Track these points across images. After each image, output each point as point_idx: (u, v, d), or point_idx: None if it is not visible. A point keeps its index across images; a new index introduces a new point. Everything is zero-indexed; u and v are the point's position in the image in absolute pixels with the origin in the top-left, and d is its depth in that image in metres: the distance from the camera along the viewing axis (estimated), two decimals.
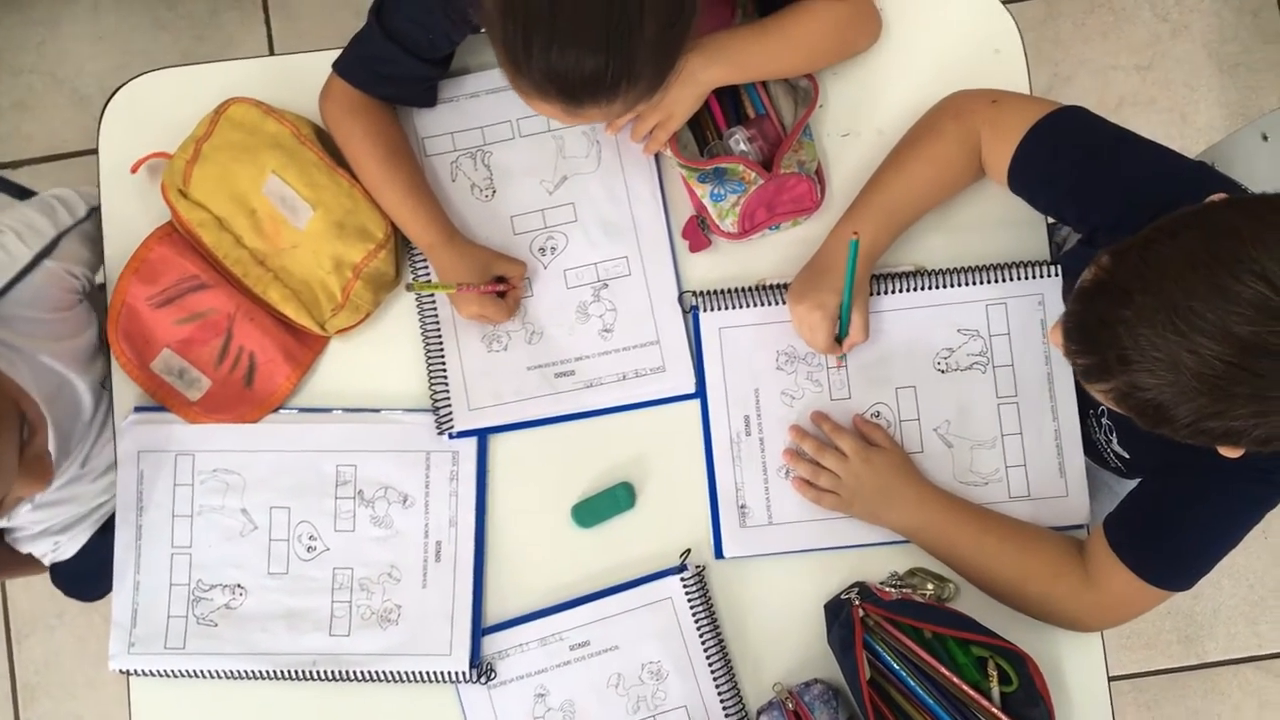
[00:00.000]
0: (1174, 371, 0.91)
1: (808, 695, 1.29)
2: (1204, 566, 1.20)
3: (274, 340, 1.35)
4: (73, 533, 1.51)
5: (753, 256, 1.39)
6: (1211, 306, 0.88)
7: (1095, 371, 0.98)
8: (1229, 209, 0.94)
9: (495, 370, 1.36)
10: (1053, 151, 1.22)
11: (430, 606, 1.33)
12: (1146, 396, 0.94)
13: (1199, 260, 0.90)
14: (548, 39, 1.04)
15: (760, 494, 1.35)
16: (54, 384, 1.30)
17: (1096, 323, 0.96)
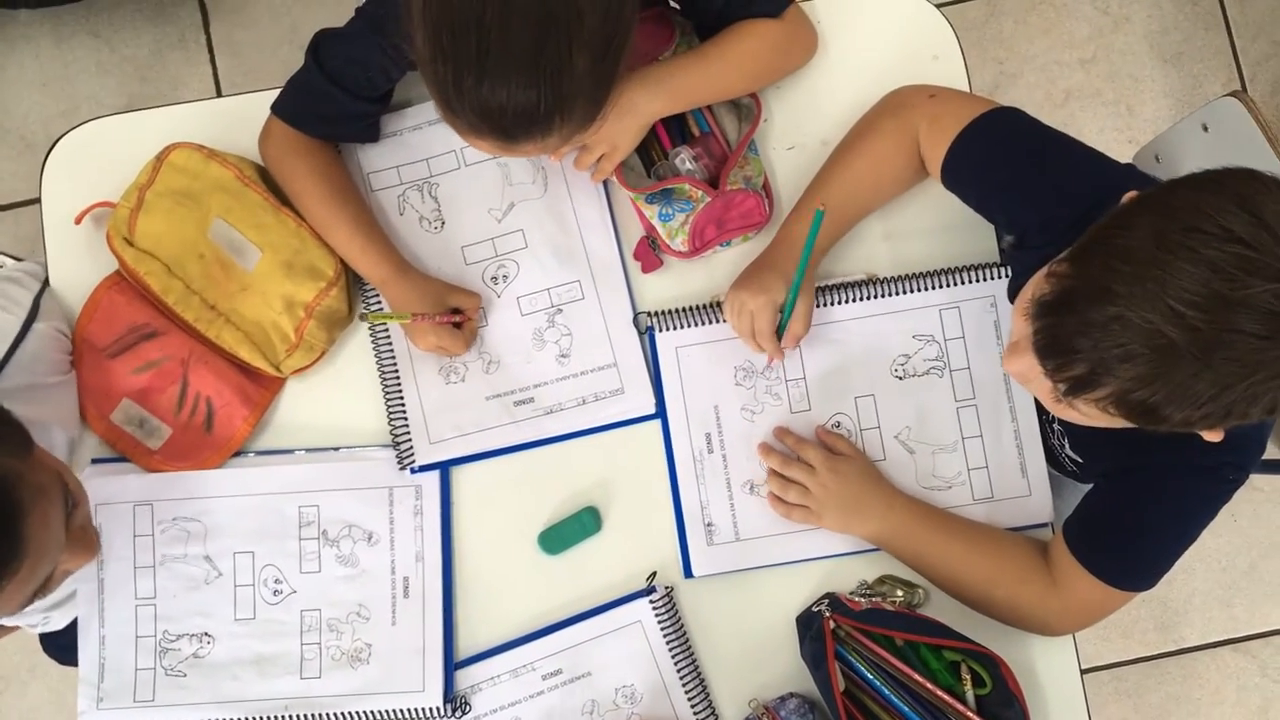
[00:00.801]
0: (1173, 352, 0.90)
1: (784, 710, 1.29)
2: (1164, 566, 1.21)
3: (229, 384, 1.34)
4: (64, 608, 1.49)
5: (705, 274, 1.39)
6: (1197, 279, 0.88)
7: (1087, 381, 0.95)
8: (1178, 187, 0.94)
9: (454, 402, 1.36)
10: (986, 150, 1.23)
11: (401, 643, 1.32)
12: (1140, 395, 0.93)
13: (1169, 239, 0.90)
14: (478, 77, 1.04)
15: (726, 511, 1.35)
16: (66, 453, 1.30)
17: (1078, 330, 0.94)
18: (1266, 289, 0.87)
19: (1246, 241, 0.88)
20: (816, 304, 1.34)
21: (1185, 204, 0.92)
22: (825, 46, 1.41)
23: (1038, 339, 0.99)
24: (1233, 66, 2.43)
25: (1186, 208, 0.91)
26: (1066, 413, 1.03)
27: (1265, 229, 0.88)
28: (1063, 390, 0.98)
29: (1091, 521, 1.23)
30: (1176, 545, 1.19)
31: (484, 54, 1.02)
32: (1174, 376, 0.91)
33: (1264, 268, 0.87)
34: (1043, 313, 0.98)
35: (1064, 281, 0.97)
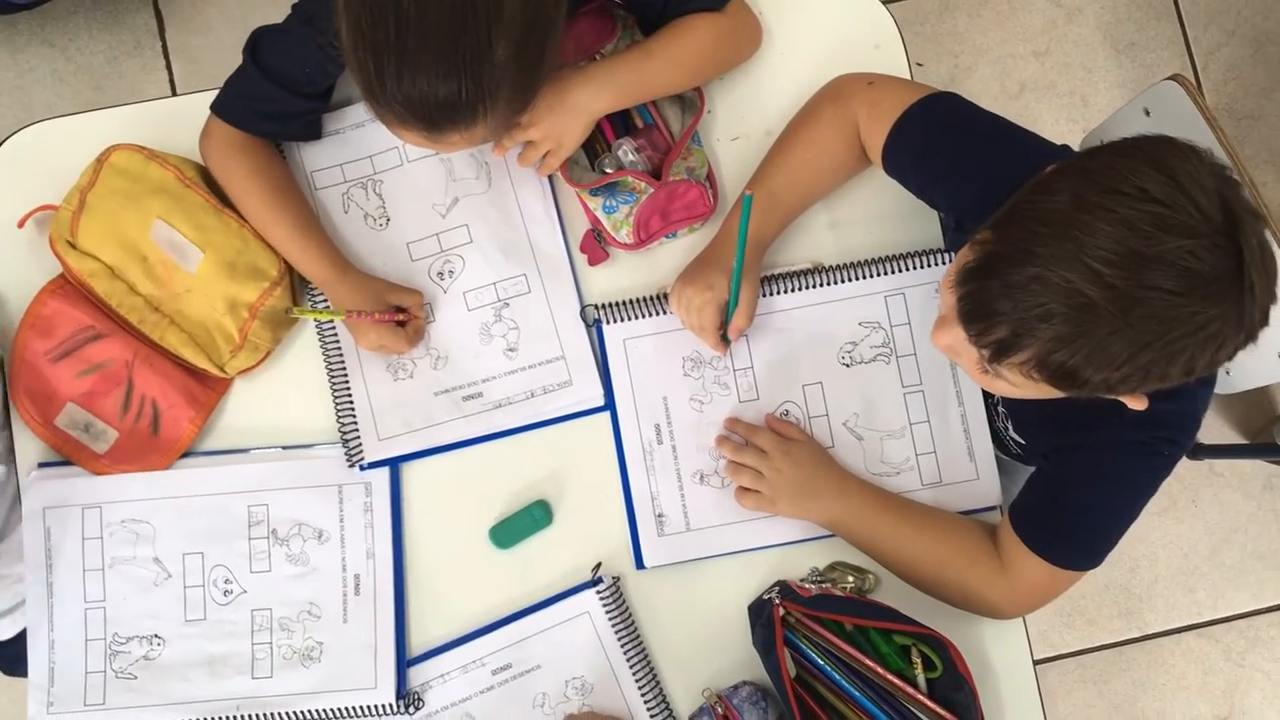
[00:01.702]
0: (1091, 310, 0.91)
1: (736, 698, 1.29)
2: (1107, 543, 1.21)
3: (175, 385, 1.34)
4: (12, 616, 1.48)
5: (652, 266, 1.40)
6: (1113, 237, 0.90)
7: (1009, 344, 0.97)
8: (1098, 153, 0.97)
9: (403, 398, 1.36)
10: (925, 135, 1.24)
11: (352, 641, 1.32)
12: (1059, 358, 0.94)
13: (1087, 200, 0.92)
14: (398, 67, 1.04)
15: (676, 501, 1.35)
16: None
17: (1000, 293, 0.96)
18: (1180, 245, 0.89)
19: (1161, 200, 0.89)
20: (763, 293, 1.35)
21: (1103, 167, 0.94)
22: (769, 38, 1.41)
23: (961, 305, 1.00)
24: (1185, 56, 2.45)
25: (1104, 170, 0.93)
26: (994, 384, 1.05)
27: (1180, 189, 0.90)
28: (987, 357, 1.00)
29: (1034, 503, 1.24)
30: (1118, 522, 1.20)
31: (402, 42, 1.02)
32: (1093, 335, 0.92)
33: (1178, 225, 0.89)
34: (965, 279, 1.00)
35: (986, 247, 0.98)
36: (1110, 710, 2.33)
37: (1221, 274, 0.90)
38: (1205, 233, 0.90)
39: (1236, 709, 2.33)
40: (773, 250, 1.37)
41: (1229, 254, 0.90)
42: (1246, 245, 0.90)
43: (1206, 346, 0.93)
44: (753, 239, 1.27)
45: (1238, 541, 2.36)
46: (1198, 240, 0.89)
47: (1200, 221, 0.90)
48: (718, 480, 1.35)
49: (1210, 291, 0.91)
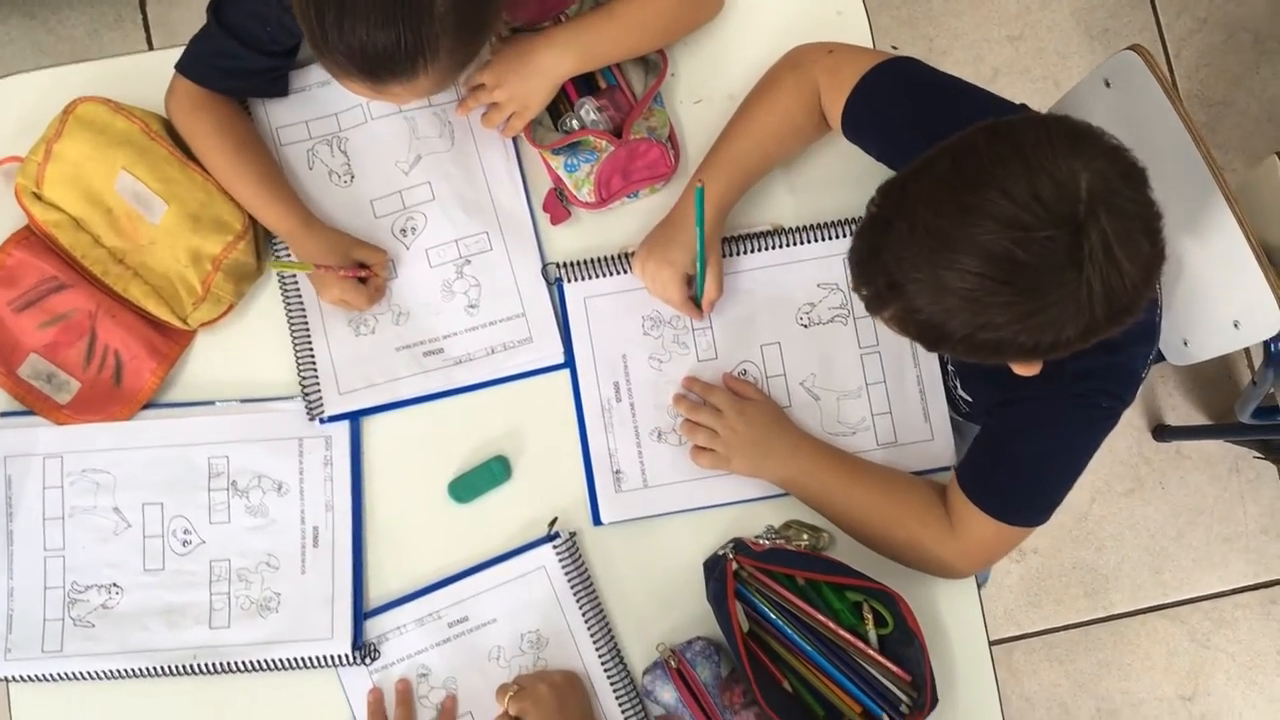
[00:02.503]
0: (937, 290, 0.96)
1: (689, 652, 1.30)
2: (1051, 498, 1.23)
3: (138, 336, 1.35)
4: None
5: (613, 226, 1.41)
6: (958, 224, 0.94)
7: (874, 301, 1.03)
8: (977, 133, 0.98)
9: (364, 353, 1.37)
10: (884, 99, 1.26)
11: (310, 592, 1.33)
12: (921, 318, 0.99)
13: (947, 183, 0.96)
14: (338, 15, 1.06)
15: (634, 458, 1.36)
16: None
17: (869, 254, 1.01)
18: (1010, 236, 0.91)
19: (1009, 193, 0.92)
20: (724, 254, 1.36)
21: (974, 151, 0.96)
22: (732, 2, 1.42)
23: (848, 256, 1.06)
24: (1158, 42, 2.47)
25: (973, 156, 0.96)
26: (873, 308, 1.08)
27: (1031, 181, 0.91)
28: (865, 306, 1.05)
29: (979, 460, 1.26)
30: (1061, 476, 1.21)
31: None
32: (932, 310, 0.97)
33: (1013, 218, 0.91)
34: (855, 234, 1.05)
35: (869, 209, 1.03)
36: (1076, 689, 2.35)
37: (1052, 267, 0.92)
38: (1041, 227, 0.91)
39: (1201, 689, 2.35)
40: (734, 212, 1.38)
41: (1065, 249, 0.92)
42: (1088, 242, 0.91)
43: (1044, 331, 0.96)
44: (714, 205, 1.29)
45: (1204, 524, 2.38)
46: (1031, 233, 0.91)
47: (1040, 217, 0.91)
48: (675, 438, 1.37)
49: (1037, 283, 0.93)
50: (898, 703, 1.27)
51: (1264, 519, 2.37)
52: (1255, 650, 2.36)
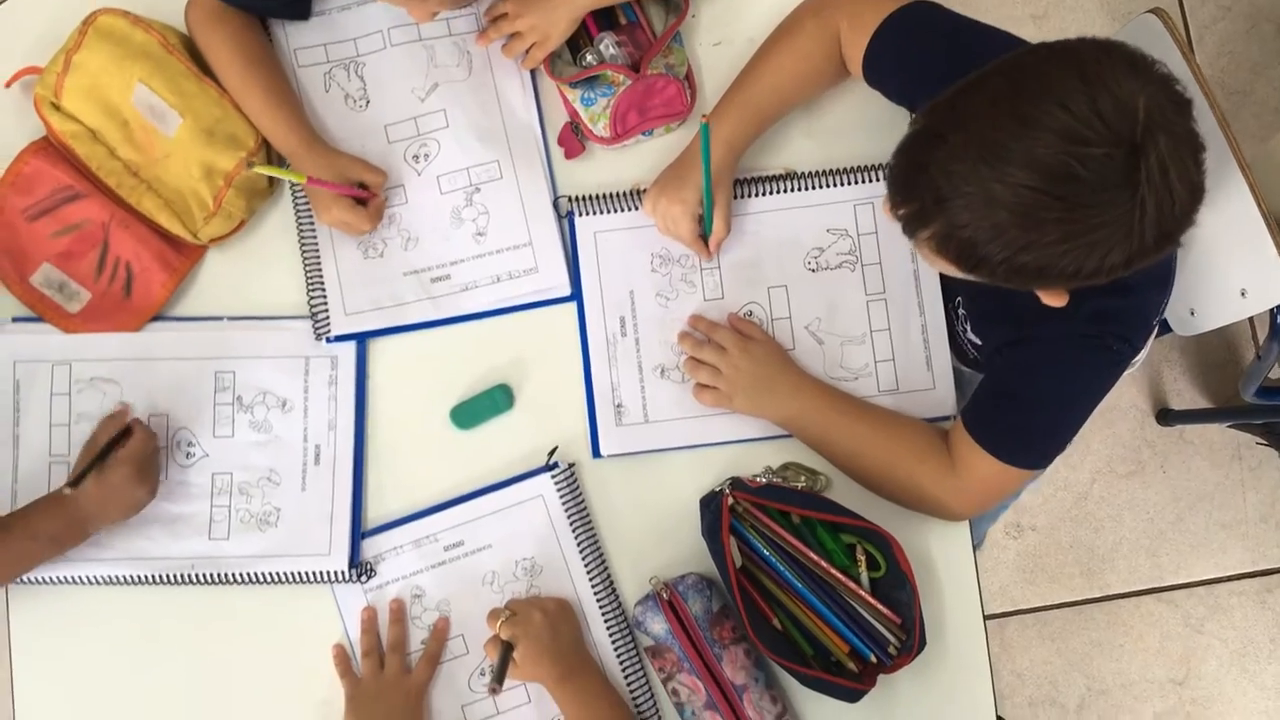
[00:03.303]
0: (986, 205, 0.94)
1: (681, 585, 1.31)
2: (1054, 441, 1.23)
3: (149, 248, 1.36)
4: None
5: (627, 163, 1.41)
6: (1014, 135, 0.92)
7: (916, 219, 1.01)
8: (1034, 50, 0.98)
9: (372, 276, 1.38)
10: (906, 42, 1.26)
11: (309, 508, 1.34)
12: (964, 235, 0.97)
13: (1003, 97, 0.94)
14: None
15: (636, 393, 1.37)
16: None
17: (914, 170, 1.00)
18: (1071, 150, 0.90)
19: (1069, 108, 0.90)
20: (735, 195, 1.37)
21: (1032, 68, 0.95)
22: None
23: (888, 176, 1.05)
24: (1181, 28, 2.46)
25: (1031, 72, 0.95)
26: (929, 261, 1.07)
27: (1092, 97, 0.90)
28: (902, 230, 1.04)
29: (984, 401, 1.26)
30: (1066, 419, 1.21)
31: None
32: (981, 227, 0.96)
33: (1075, 133, 0.90)
34: (896, 152, 1.03)
35: (914, 126, 1.02)
36: (1067, 667, 2.36)
37: (1108, 185, 0.91)
38: (1100, 143, 0.90)
39: (1192, 674, 2.36)
40: (747, 155, 1.38)
41: (1123, 168, 0.91)
42: (1145, 163, 0.91)
43: (1090, 253, 0.95)
44: (727, 146, 1.29)
45: (1203, 509, 2.38)
46: (1089, 149, 0.90)
47: (1100, 133, 0.90)
48: (679, 375, 1.37)
49: (1091, 201, 0.92)
50: (886, 644, 1.28)
51: (1264, 507, 2.37)
52: (1249, 638, 2.36)
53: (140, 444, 1.29)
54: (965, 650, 1.34)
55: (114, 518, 1.29)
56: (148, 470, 1.29)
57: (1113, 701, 2.35)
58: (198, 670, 1.35)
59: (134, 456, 1.28)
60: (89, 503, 1.26)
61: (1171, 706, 2.34)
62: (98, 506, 1.27)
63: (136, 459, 1.28)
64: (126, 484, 1.26)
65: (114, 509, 1.28)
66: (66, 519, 1.27)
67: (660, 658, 1.30)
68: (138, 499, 1.28)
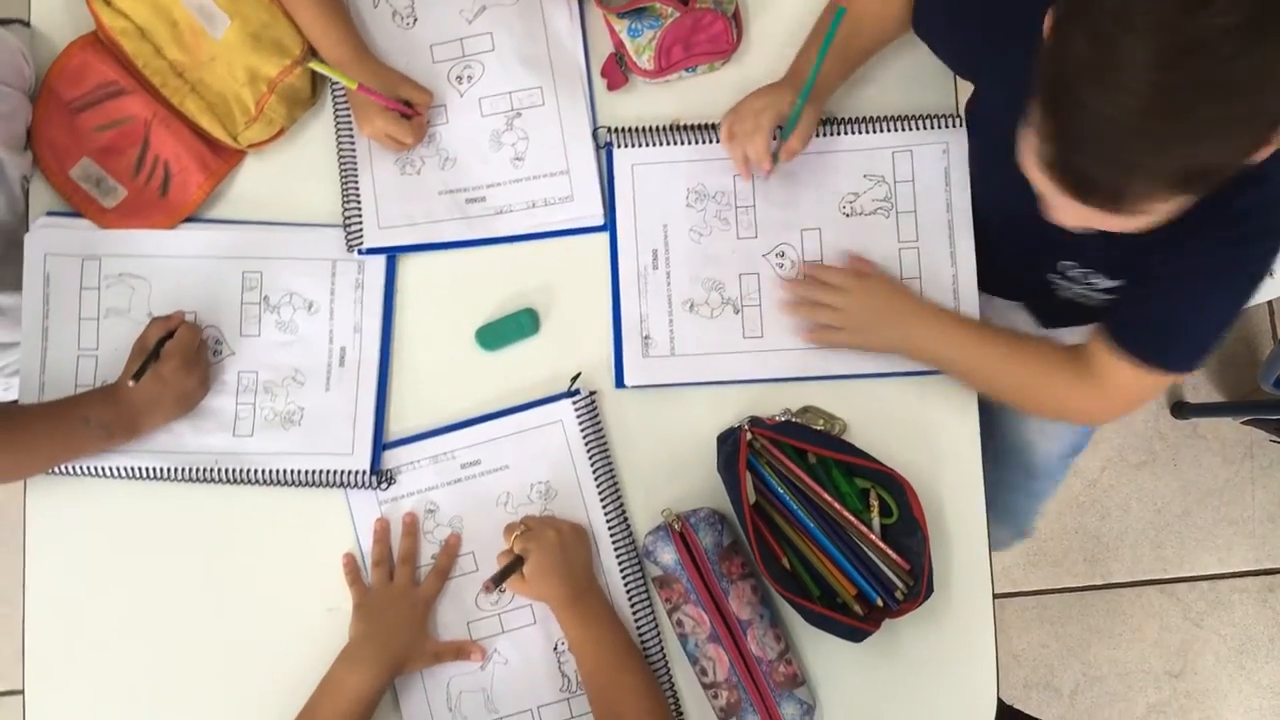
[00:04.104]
0: (1165, 107, 0.87)
1: (694, 518, 1.31)
2: (1200, 344, 1.20)
3: (189, 149, 1.37)
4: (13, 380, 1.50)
5: (669, 98, 1.42)
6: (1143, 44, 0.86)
7: (1114, 196, 0.95)
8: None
9: (407, 192, 1.38)
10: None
11: (333, 409, 1.35)
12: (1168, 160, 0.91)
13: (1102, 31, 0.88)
14: None
15: (664, 326, 1.37)
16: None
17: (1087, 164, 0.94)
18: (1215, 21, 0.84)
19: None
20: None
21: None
22: None
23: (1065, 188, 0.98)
24: None
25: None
26: (1138, 220, 1.00)
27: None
28: (1116, 210, 0.97)
29: (1125, 310, 1.24)
30: (1211, 320, 1.18)
31: None
32: (1183, 125, 0.88)
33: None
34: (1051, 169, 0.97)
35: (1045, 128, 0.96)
36: (1064, 652, 2.36)
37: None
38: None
39: (1189, 667, 2.36)
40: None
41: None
42: None
43: None
44: (821, 80, 1.27)
45: (1211, 504, 2.39)
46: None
47: None
48: (707, 310, 1.38)
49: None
50: (893, 588, 1.29)
51: (1272, 506, 2.37)
52: (1248, 635, 2.37)
53: (186, 336, 1.31)
54: (970, 601, 1.35)
55: (167, 412, 1.31)
56: (196, 361, 1.31)
57: (1107, 689, 2.36)
58: (206, 571, 1.36)
59: (181, 347, 1.29)
60: (143, 395, 1.28)
61: (1166, 698, 2.35)
62: (151, 399, 1.29)
63: (183, 350, 1.29)
64: (176, 375, 1.28)
65: (167, 402, 1.30)
66: (119, 409, 1.28)
67: (667, 588, 1.31)
68: (189, 391, 1.30)
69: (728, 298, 1.38)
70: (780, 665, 1.29)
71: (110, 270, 1.37)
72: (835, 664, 1.33)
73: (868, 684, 1.33)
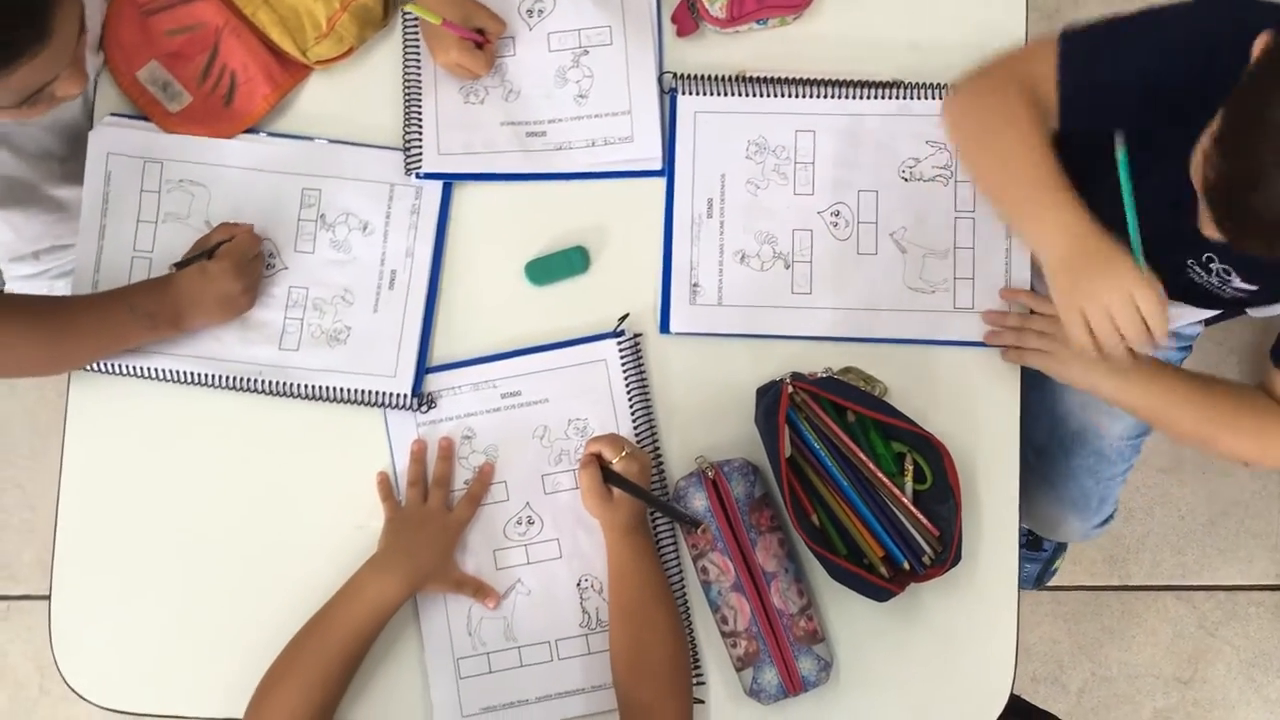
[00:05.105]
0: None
1: (727, 468, 1.32)
2: None
3: (256, 60, 1.37)
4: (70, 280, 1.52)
5: (736, 49, 1.42)
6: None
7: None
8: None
9: (469, 121, 1.39)
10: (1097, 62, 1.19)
11: (380, 330, 1.36)
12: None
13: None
14: None
15: (714, 274, 1.38)
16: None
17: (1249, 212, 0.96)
18: None
19: None
20: (838, 96, 1.37)
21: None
22: None
23: (1217, 220, 0.99)
24: None
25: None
26: None
27: None
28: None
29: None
30: None
31: None
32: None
33: None
34: (1211, 200, 0.99)
35: (1218, 167, 0.97)
36: (1075, 649, 2.35)
37: None
38: None
39: (1199, 676, 2.35)
40: (857, 60, 1.39)
41: None
42: None
43: None
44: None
45: (1237, 515, 2.37)
46: None
47: None
48: (758, 263, 1.38)
49: None
50: (921, 553, 1.29)
51: None
52: (1261, 649, 2.35)
53: (244, 242, 1.32)
54: (995, 575, 1.35)
55: (210, 313, 1.31)
56: (246, 270, 1.31)
57: (1115, 690, 2.35)
58: (239, 481, 1.38)
59: (236, 251, 1.30)
60: (188, 287, 1.29)
61: (1173, 704, 2.34)
62: (196, 294, 1.29)
63: (238, 254, 1.30)
64: (223, 275, 1.29)
65: (211, 302, 1.30)
66: (165, 299, 1.29)
67: (695, 534, 1.31)
68: (232, 295, 1.30)
69: (779, 252, 1.38)
70: (801, 620, 1.29)
71: (171, 175, 1.38)
72: (855, 625, 1.34)
73: (886, 647, 1.34)
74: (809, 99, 1.38)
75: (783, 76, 1.38)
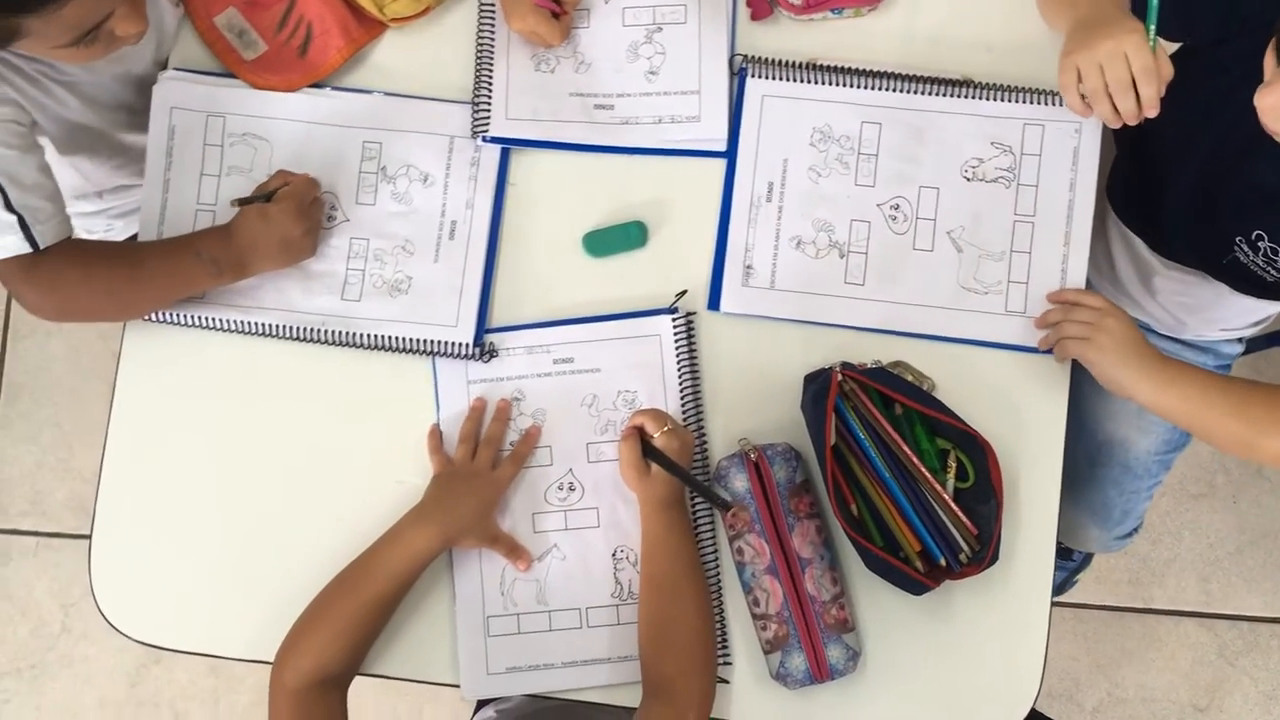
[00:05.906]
0: None
1: (770, 451, 1.32)
2: None
3: (334, 13, 1.39)
4: (129, 219, 1.54)
5: (809, 36, 1.42)
6: None
7: None
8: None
9: (539, 88, 1.40)
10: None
11: (441, 280, 1.37)
12: None
13: None
14: None
15: (769, 258, 1.38)
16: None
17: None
18: None
19: None
20: (908, 90, 1.37)
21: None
22: None
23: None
24: None
25: None
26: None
27: None
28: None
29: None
30: None
31: None
32: None
33: None
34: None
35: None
36: (1093, 668, 2.35)
37: None
38: None
39: (1215, 704, 2.34)
40: (926, 56, 1.40)
41: None
42: None
43: None
44: None
45: (1265, 546, 2.36)
46: None
47: None
48: (813, 250, 1.38)
49: None
50: (958, 550, 1.29)
51: None
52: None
53: (302, 185, 1.33)
54: (1030, 581, 1.35)
55: (274, 257, 1.32)
56: (306, 213, 1.33)
57: (1130, 713, 2.34)
58: (282, 432, 1.39)
59: (295, 192, 1.32)
60: (251, 232, 1.31)
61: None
62: (259, 237, 1.30)
63: (297, 195, 1.32)
64: (283, 217, 1.30)
65: (274, 245, 1.31)
66: (229, 245, 1.31)
67: (733, 515, 1.32)
68: (293, 238, 1.31)
69: (835, 240, 1.38)
70: (833, 608, 1.30)
71: (234, 129, 1.40)
72: (886, 618, 1.34)
73: (915, 641, 1.34)
74: (877, 91, 1.38)
75: (853, 67, 1.38)
